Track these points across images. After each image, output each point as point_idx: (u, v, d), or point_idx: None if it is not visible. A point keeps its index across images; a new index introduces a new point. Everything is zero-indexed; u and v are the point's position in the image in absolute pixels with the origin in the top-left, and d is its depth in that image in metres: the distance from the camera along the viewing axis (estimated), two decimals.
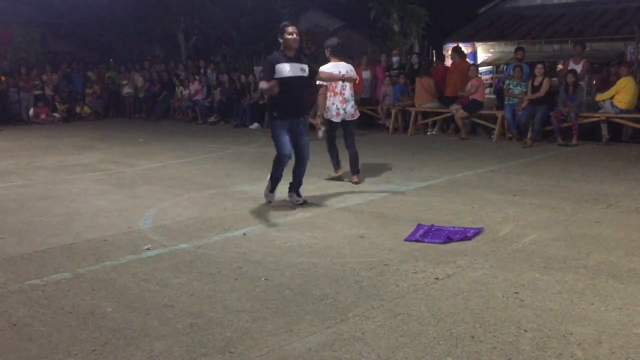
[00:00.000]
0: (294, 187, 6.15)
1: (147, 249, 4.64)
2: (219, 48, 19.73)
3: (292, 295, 3.64)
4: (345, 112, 7.09)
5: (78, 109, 16.85)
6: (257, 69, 15.89)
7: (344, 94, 7.09)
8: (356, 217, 5.51)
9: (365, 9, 14.62)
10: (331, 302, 3.52)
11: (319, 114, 7.13)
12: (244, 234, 5.01)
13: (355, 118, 7.23)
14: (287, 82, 5.65)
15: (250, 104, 14.34)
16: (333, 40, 7.35)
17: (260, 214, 5.70)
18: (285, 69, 5.73)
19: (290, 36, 5.86)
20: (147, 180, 7.57)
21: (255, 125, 14.00)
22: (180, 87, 16.28)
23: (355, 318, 3.29)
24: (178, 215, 5.70)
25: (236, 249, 4.59)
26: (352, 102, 7.18)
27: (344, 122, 7.16)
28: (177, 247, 4.67)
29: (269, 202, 6.06)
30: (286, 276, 3.97)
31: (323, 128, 7.05)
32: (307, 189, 6.81)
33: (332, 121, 7.14)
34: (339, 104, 7.07)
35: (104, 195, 6.69)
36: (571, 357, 2.79)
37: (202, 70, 16.50)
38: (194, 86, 15.83)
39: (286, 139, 5.79)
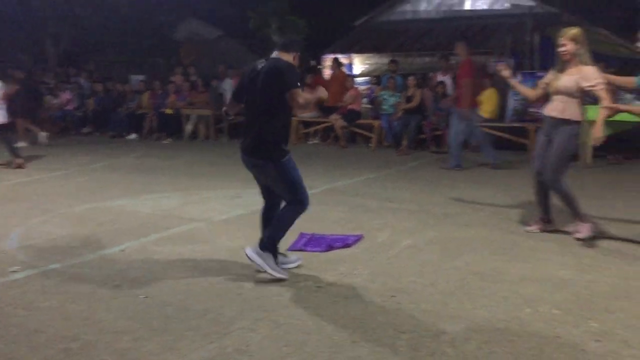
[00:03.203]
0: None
1: (14, 271, 4.33)
2: (91, 55, 18.85)
3: (173, 311, 3.56)
4: None
5: None
6: (135, 78, 15.40)
7: None
8: (239, 229, 5.49)
9: (244, 19, 14.69)
10: (214, 316, 3.48)
11: None
12: (122, 250, 4.82)
13: None
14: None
15: (127, 114, 13.83)
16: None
17: (139, 228, 5.51)
18: None
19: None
20: (14, 197, 7.06)
21: (133, 135, 13.52)
22: (49, 96, 15.33)
23: (239, 331, 3.28)
24: (48, 233, 5.37)
25: (113, 267, 4.41)
26: None
27: None
28: (47, 268, 4.39)
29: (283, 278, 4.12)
30: (167, 292, 3.88)
31: None
32: (190, 200, 6.69)
33: None
34: None
35: None
36: (443, 354, 2.97)
37: (73, 79, 15.67)
38: (65, 95, 14.99)
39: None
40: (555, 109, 4.91)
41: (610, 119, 5.17)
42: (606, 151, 9.42)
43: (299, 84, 3.99)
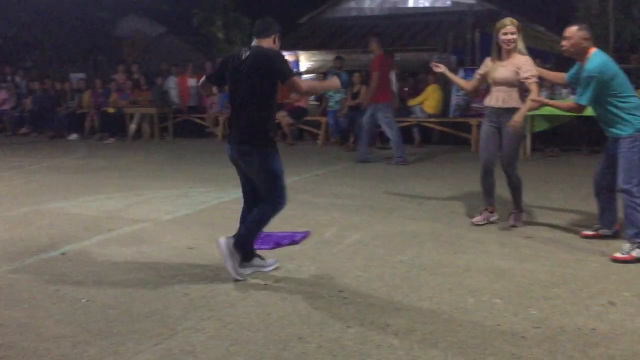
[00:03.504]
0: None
1: None
2: (28, 53, 18.17)
3: (116, 314, 3.48)
4: None
5: None
6: (75, 76, 14.96)
7: None
8: (185, 228, 5.41)
9: (188, 16, 14.45)
10: (159, 317, 3.42)
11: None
12: (63, 254, 4.68)
13: None
14: None
15: (67, 113, 13.42)
16: None
17: (81, 231, 5.36)
18: None
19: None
20: None
21: (74, 136, 13.15)
22: None
23: (184, 332, 3.23)
24: None
25: (53, 271, 4.27)
26: None
27: None
28: None
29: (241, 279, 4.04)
30: (110, 295, 3.79)
31: None
32: (134, 201, 6.56)
33: None
34: None
35: None
36: (389, 346, 3.01)
37: (9, 77, 15.09)
38: (1, 95, 14.41)
39: None
40: (498, 99, 5.01)
41: (537, 112, 5.37)
42: (544, 144, 9.76)
43: (293, 70, 3.89)
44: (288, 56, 13.19)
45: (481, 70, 5.19)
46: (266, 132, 3.97)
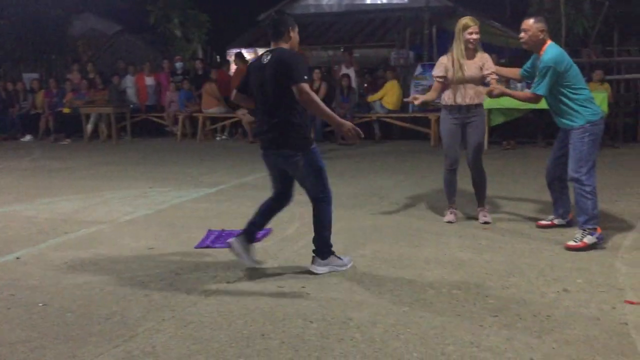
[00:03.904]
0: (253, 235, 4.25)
1: None
2: None
3: (74, 318, 3.41)
4: None
5: None
6: (27, 76, 14.57)
7: None
8: (144, 229, 5.34)
9: (144, 13, 14.20)
10: (119, 319, 3.37)
11: None
12: (17, 258, 4.56)
13: None
14: None
15: (20, 114, 13.07)
16: None
17: (36, 234, 5.23)
18: None
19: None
20: None
21: (28, 137, 12.81)
22: None
23: (145, 333, 3.19)
24: None
25: (8, 275, 4.16)
26: None
27: None
28: None
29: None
30: (67, 299, 3.71)
31: None
32: (91, 202, 6.43)
33: None
34: None
35: None
36: (351, 340, 3.03)
37: None
38: None
39: None
40: (467, 96, 5.04)
41: (494, 105, 5.38)
42: (501, 138, 9.97)
43: (306, 77, 3.79)
44: (247, 53, 13.15)
45: (441, 72, 5.06)
46: (304, 133, 3.95)
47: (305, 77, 3.78)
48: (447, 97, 5.13)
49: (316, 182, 4.01)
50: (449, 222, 5.27)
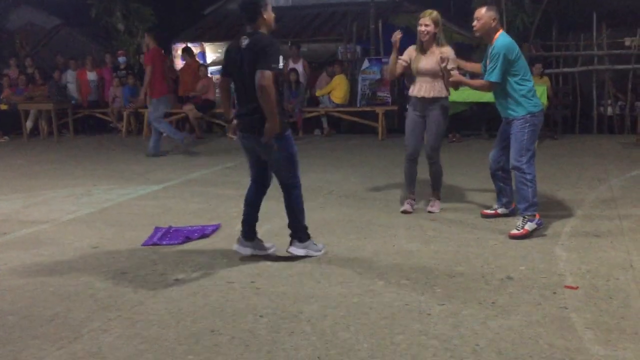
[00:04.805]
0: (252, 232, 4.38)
1: None
2: None
3: (15, 320, 3.30)
4: None
5: None
6: None
7: None
8: (89, 228, 5.20)
9: (85, 6, 13.77)
10: (62, 321, 3.27)
11: None
12: None
13: None
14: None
15: None
16: None
17: None
18: None
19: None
20: None
21: None
22: None
23: (90, 333, 3.11)
24: None
25: None
26: None
27: None
28: None
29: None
30: (7, 301, 3.58)
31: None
32: (32, 202, 6.22)
33: None
34: None
35: None
36: (302, 333, 3.04)
37: None
38: None
39: None
40: (421, 89, 5.11)
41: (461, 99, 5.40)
42: (447, 131, 10.15)
43: (274, 66, 3.79)
44: (193, 47, 12.95)
45: (405, 57, 5.16)
46: (280, 117, 3.94)
47: (273, 66, 3.80)
48: (410, 89, 5.23)
49: (288, 167, 4.10)
50: (405, 211, 5.33)
